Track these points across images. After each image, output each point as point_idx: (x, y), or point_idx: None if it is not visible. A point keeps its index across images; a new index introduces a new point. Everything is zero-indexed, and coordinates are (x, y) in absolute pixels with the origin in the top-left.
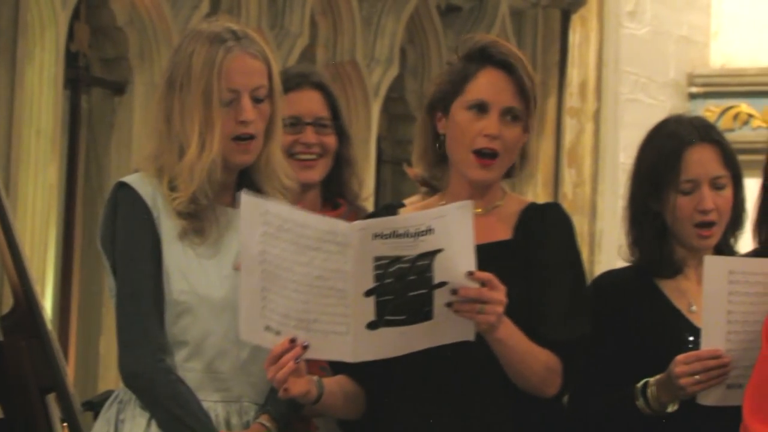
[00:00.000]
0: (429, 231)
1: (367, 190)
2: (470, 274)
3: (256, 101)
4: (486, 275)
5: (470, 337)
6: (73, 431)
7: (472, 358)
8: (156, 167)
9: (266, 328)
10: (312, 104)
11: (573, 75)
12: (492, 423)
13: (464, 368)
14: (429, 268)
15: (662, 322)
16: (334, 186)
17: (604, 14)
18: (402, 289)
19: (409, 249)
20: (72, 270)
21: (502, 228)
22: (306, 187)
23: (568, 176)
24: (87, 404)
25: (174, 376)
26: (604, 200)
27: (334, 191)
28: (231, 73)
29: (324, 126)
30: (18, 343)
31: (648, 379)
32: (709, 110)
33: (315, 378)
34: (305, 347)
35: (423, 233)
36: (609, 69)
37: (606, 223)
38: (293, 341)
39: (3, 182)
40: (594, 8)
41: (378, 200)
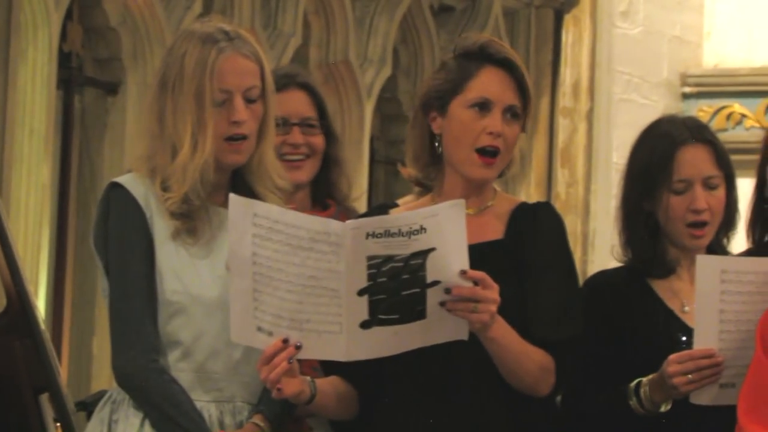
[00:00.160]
0: (422, 230)
1: (358, 190)
2: (463, 273)
3: (249, 102)
4: (479, 274)
5: (463, 337)
6: (67, 431)
7: (466, 358)
8: (148, 167)
9: (258, 329)
10: (298, 105)
11: (566, 75)
12: (487, 423)
13: (458, 368)
14: (422, 267)
15: (655, 323)
16: (323, 186)
17: (597, 14)
18: (395, 288)
19: (402, 248)
20: (65, 270)
21: (494, 228)
22: (295, 188)
23: (561, 176)
24: (80, 404)
25: (167, 376)
26: (597, 200)
27: (324, 192)
28: (223, 74)
29: (311, 126)
30: (11, 343)
31: (641, 379)
32: (702, 110)
33: (308, 378)
34: (298, 347)
35: (416, 232)
36: (602, 69)
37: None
38: (286, 341)
39: None
40: (587, 8)
41: (371, 200)
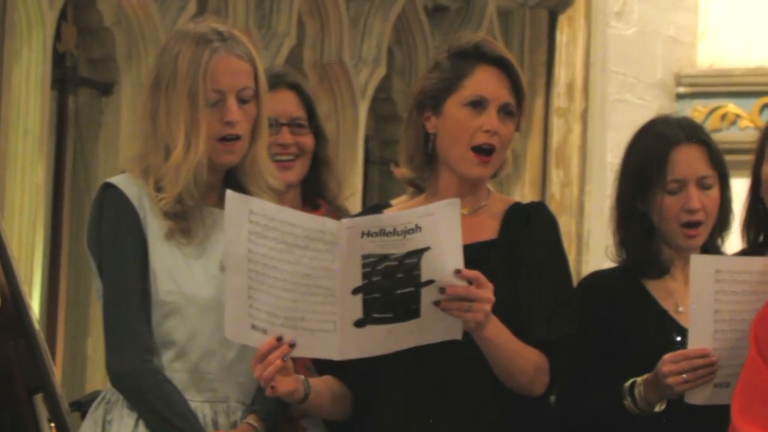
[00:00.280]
0: (417, 229)
1: (349, 190)
2: (458, 272)
3: (242, 102)
4: (474, 273)
5: (457, 336)
6: (61, 431)
7: (460, 358)
8: (142, 168)
9: (253, 327)
10: (287, 105)
11: (560, 75)
12: (481, 423)
13: (452, 368)
14: (417, 266)
15: (649, 323)
16: (313, 186)
17: (592, 14)
18: (390, 287)
19: (397, 247)
20: (59, 270)
21: (488, 228)
22: (285, 188)
23: (556, 176)
24: (74, 404)
25: (161, 377)
26: (592, 200)
27: (314, 191)
28: (216, 74)
29: (300, 126)
30: (5, 344)
31: (635, 379)
32: (697, 110)
33: (302, 377)
34: (292, 345)
35: (411, 231)
36: (596, 69)
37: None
38: (280, 339)
39: None
40: (581, 8)
41: (365, 200)
